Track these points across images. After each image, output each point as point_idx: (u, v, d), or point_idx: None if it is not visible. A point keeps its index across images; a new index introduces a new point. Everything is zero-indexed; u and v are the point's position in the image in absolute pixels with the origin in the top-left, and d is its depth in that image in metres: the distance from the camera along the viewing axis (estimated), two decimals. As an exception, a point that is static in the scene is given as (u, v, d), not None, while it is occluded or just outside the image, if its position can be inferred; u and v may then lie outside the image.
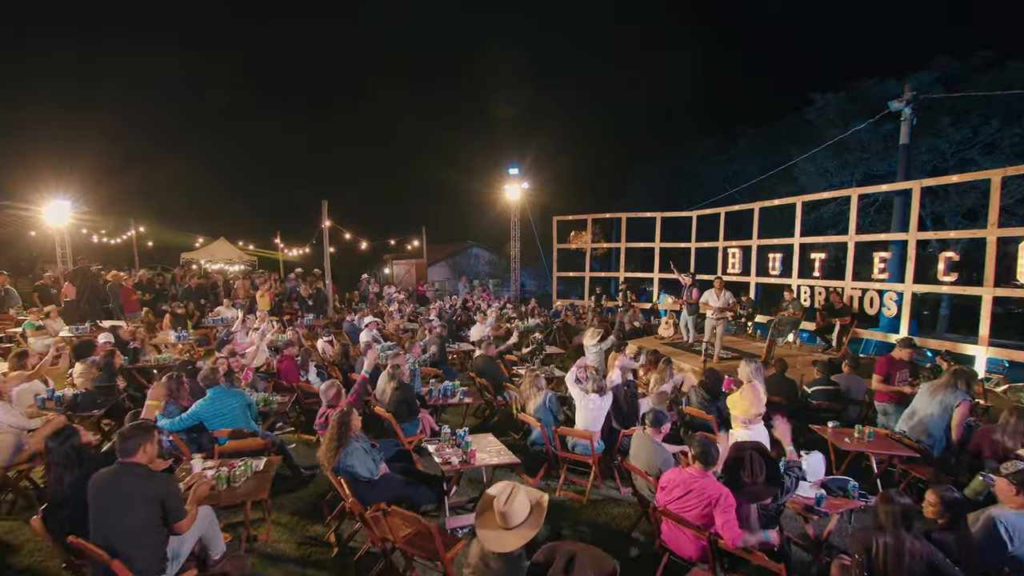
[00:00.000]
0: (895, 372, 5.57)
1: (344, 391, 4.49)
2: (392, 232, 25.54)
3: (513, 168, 18.01)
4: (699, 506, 3.02)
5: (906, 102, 11.54)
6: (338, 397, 4.31)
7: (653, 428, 3.88)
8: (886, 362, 5.68)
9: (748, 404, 4.05)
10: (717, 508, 2.95)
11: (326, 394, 4.26)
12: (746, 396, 4.07)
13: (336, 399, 4.29)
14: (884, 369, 5.61)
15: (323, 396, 4.27)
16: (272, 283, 16.69)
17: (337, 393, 4.31)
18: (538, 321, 12.00)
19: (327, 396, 4.26)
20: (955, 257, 9.32)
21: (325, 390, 4.27)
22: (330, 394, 4.26)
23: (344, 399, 4.40)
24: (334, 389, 4.28)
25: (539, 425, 4.91)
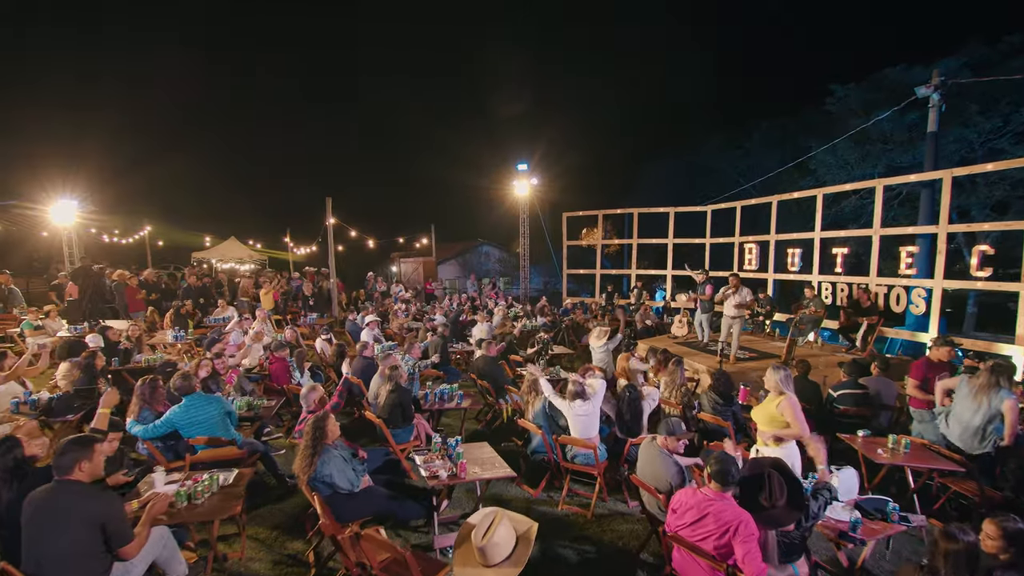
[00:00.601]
0: (933, 375, 5.07)
1: (327, 396, 4.15)
2: (401, 230, 25.35)
3: (522, 164, 17.64)
4: (716, 533, 2.63)
5: (934, 88, 10.91)
6: (321, 403, 3.98)
7: (664, 438, 3.48)
8: (923, 364, 5.20)
9: (791, 421, 3.62)
10: (737, 537, 2.55)
11: (307, 399, 3.94)
12: (785, 412, 3.63)
13: (318, 404, 3.97)
14: (920, 372, 5.13)
15: (303, 401, 3.95)
16: (279, 282, 16.57)
17: (319, 398, 3.98)
18: (545, 320, 11.61)
19: (308, 401, 3.94)
20: (989, 251, 8.72)
21: (306, 394, 3.94)
22: (311, 399, 3.94)
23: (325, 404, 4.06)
24: (316, 393, 3.95)
25: (539, 432, 4.54)
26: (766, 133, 24.21)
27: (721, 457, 2.88)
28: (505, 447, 5.84)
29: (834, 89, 19.87)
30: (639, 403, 4.68)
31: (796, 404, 3.68)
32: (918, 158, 17.46)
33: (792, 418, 3.63)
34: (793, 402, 3.67)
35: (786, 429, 3.67)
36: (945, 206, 9.25)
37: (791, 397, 3.70)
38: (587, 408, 4.45)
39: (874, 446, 4.46)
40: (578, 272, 18.07)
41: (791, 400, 3.69)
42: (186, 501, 2.99)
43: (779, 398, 3.74)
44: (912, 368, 5.30)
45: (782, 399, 3.72)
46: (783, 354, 8.25)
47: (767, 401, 3.83)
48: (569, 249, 17.45)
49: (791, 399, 3.69)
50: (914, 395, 5.14)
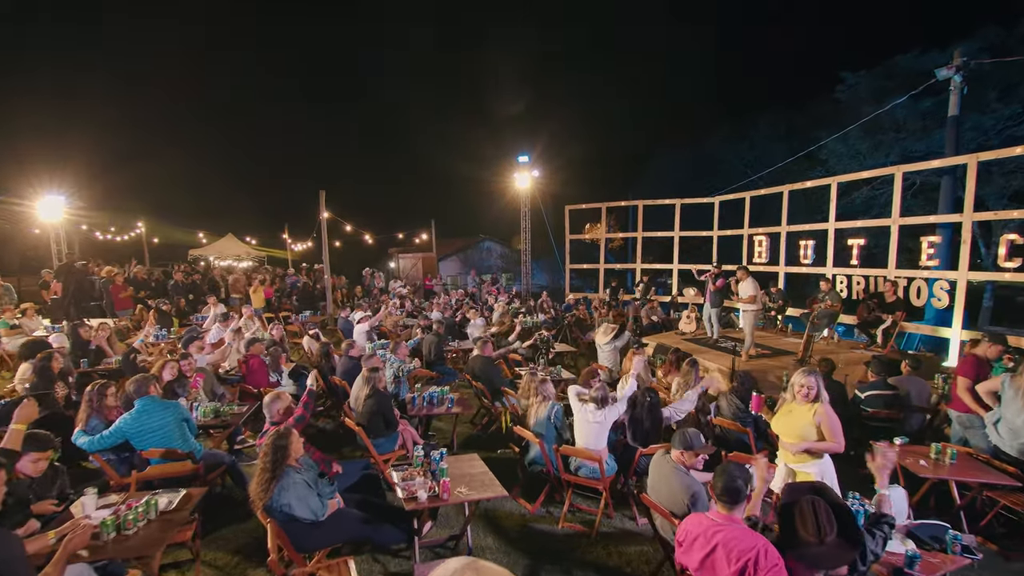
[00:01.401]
0: (984, 374, 4.52)
1: (295, 405, 3.66)
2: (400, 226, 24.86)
3: (523, 156, 17.11)
4: (730, 570, 2.13)
5: (955, 69, 10.32)
6: (287, 414, 3.50)
7: (680, 452, 2.99)
8: (973, 362, 4.57)
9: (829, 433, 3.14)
10: (759, 572, 2.06)
11: (270, 409, 3.45)
12: (823, 422, 3.14)
13: (284, 415, 3.49)
14: (972, 371, 4.49)
15: (266, 411, 3.46)
16: (275, 277, 16.13)
17: (285, 409, 3.49)
18: (545, 317, 11.11)
19: (271, 411, 3.45)
20: (1018, 240, 8.17)
21: (269, 404, 3.45)
22: (275, 408, 3.45)
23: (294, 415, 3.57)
24: (280, 403, 3.46)
25: (538, 442, 4.05)
26: (773, 123, 23.58)
27: (726, 468, 2.39)
28: (502, 454, 5.38)
29: (844, 77, 19.27)
30: (659, 410, 4.19)
31: (833, 412, 3.18)
32: (932, 146, 16.86)
33: (830, 429, 3.14)
34: (830, 411, 3.18)
35: (823, 443, 3.18)
36: (970, 193, 8.70)
37: (827, 404, 3.21)
38: (602, 417, 3.97)
39: (915, 456, 3.95)
40: (581, 267, 17.57)
41: (828, 408, 3.19)
42: (114, 532, 2.52)
43: (814, 406, 3.24)
44: (961, 365, 4.72)
45: (818, 407, 3.22)
46: (800, 351, 7.74)
47: (798, 409, 3.33)
48: (572, 244, 16.96)
49: (828, 407, 3.20)
50: (964, 397, 4.57)
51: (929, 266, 9.32)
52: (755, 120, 24.13)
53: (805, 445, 3.27)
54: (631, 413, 4.20)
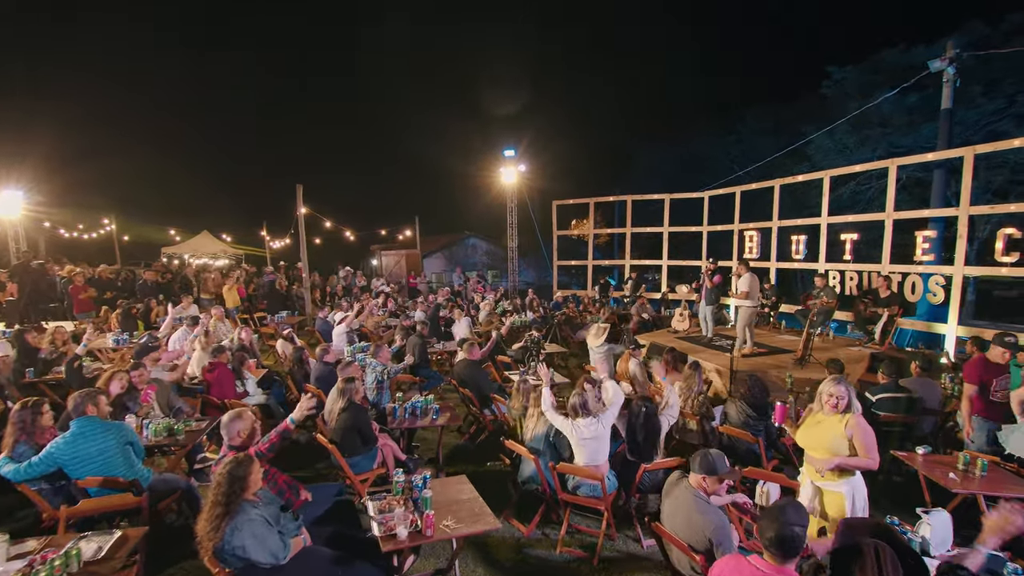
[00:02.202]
0: (992, 379, 4.24)
1: (260, 427, 3.18)
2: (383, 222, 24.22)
3: (509, 150, 16.66)
4: None
5: (949, 61, 10.15)
6: (250, 436, 3.02)
7: (701, 477, 2.60)
8: (979, 365, 4.33)
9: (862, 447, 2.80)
10: None
11: (229, 428, 2.96)
12: (856, 435, 2.80)
13: (246, 438, 3.00)
14: (976, 375, 4.26)
15: (224, 432, 2.98)
16: (251, 276, 15.46)
17: (248, 431, 3.01)
18: (534, 316, 10.71)
19: (229, 432, 2.96)
20: (1016, 234, 8.01)
21: (227, 423, 2.97)
22: (235, 429, 2.96)
23: (258, 439, 3.08)
24: (241, 423, 2.97)
25: (533, 459, 3.65)
26: (759, 119, 23.49)
27: (780, 513, 2.01)
28: (492, 467, 4.97)
29: (831, 71, 19.21)
30: (655, 419, 3.81)
31: (867, 424, 2.84)
32: (918, 141, 16.87)
33: (863, 442, 2.80)
34: (864, 423, 2.83)
35: (856, 459, 2.83)
36: (967, 187, 8.54)
37: (860, 415, 2.86)
38: (596, 429, 3.57)
39: (941, 468, 3.65)
40: (569, 264, 17.22)
41: (860, 420, 2.85)
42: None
43: (845, 416, 2.90)
44: (966, 369, 4.47)
45: (850, 418, 2.88)
46: (799, 349, 7.45)
47: (827, 420, 2.98)
48: (559, 240, 16.60)
49: (860, 418, 2.85)
50: (963, 405, 4.29)
51: (924, 261, 9.14)
52: (742, 116, 24.04)
53: (837, 461, 2.92)
54: (629, 426, 3.81)
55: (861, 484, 2.93)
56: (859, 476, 2.94)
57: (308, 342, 9.94)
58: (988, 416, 4.25)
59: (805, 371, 7.16)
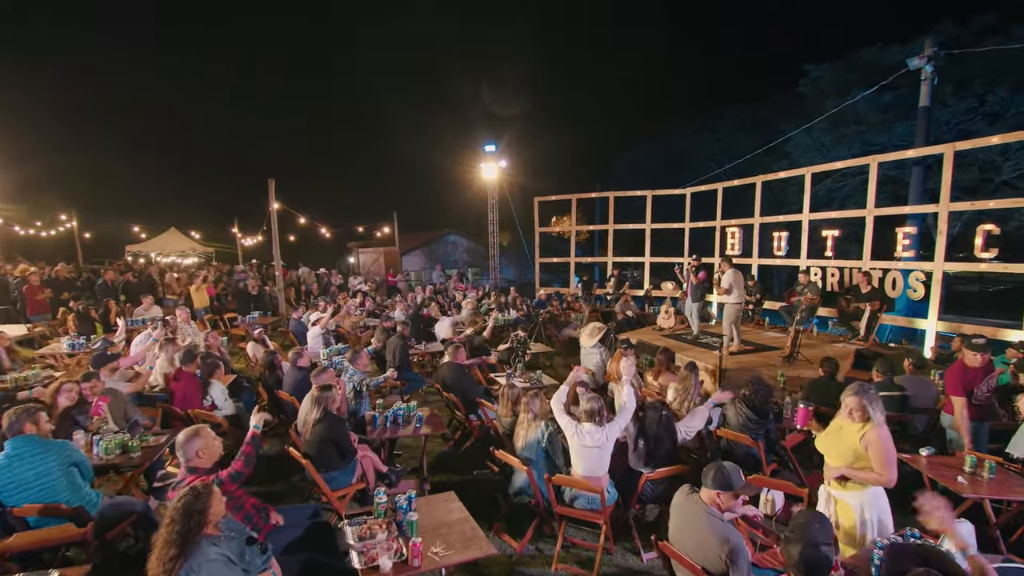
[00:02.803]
0: (973, 385, 4.05)
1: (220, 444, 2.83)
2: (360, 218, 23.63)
3: (490, 145, 16.37)
4: None
5: (927, 59, 10.26)
6: (210, 456, 2.67)
7: (715, 493, 2.39)
8: (959, 374, 4.11)
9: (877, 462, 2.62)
10: None
11: (185, 449, 2.61)
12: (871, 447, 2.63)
13: (206, 459, 2.65)
14: (960, 385, 4.06)
15: (181, 452, 2.64)
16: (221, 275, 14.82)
17: (208, 450, 2.66)
18: (518, 314, 10.46)
19: (187, 452, 2.61)
20: (995, 230, 8.11)
21: (184, 442, 2.62)
22: (192, 450, 2.61)
23: (219, 457, 2.74)
24: (199, 442, 2.62)
25: (527, 470, 3.40)
26: (738, 117, 23.69)
27: (805, 532, 1.83)
28: (479, 475, 4.71)
29: (808, 70, 19.42)
30: (674, 427, 3.60)
31: (887, 437, 2.66)
32: (892, 139, 17.17)
33: (879, 456, 2.62)
34: (883, 435, 2.65)
35: (866, 472, 2.66)
36: (947, 183, 8.61)
37: (881, 427, 2.68)
38: (600, 438, 3.35)
39: (946, 470, 3.53)
40: (551, 261, 17.04)
41: (881, 432, 2.67)
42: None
43: (865, 427, 2.72)
44: (948, 381, 4.25)
45: (868, 428, 2.70)
46: (787, 347, 7.38)
47: (848, 427, 2.80)
48: (540, 237, 16.39)
49: (881, 430, 2.67)
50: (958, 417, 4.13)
51: (905, 257, 9.21)
52: (720, 114, 24.21)
53: (843, 471, 2.76)
54: (642, 431, 3.59)
55: (876, 498, 2.76)
56: (874, 490, 2.77)
57: (281, 344, 9.51)
58: (973, 418, 4.12)
59: (794, 368, 7.09)
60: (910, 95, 16.57)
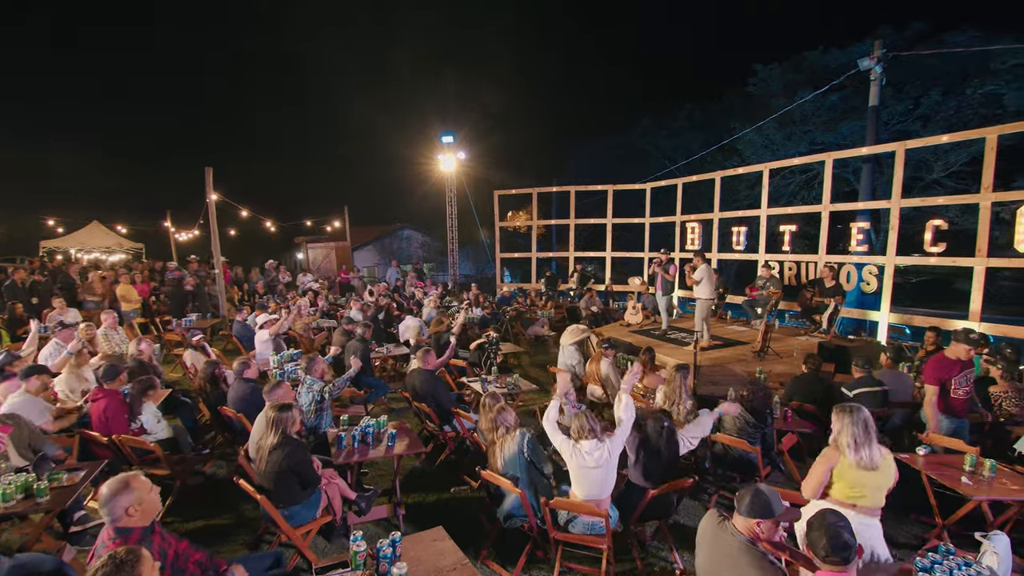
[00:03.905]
0: (950, 377, 4.03)
1: (156, 494, 2.24)
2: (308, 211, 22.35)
3: (447, 136, 15.79)
4: None
5: (877, 60, 10.64)
6: (143, 514, 2.09)
7: (754, 523, 2.10)
8: (937, 365, 4.10)
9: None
10: None
11: (112, 508, 2.01)
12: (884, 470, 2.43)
13: (137, 516, 2.08)
14: (935, 376, 4.06)
15: (106, 512, 2.04)
16: (153, 272, 13.47)
17: (142, 503, 2.08)
18: (484, 312, 10.06)
19: (113, 513, 2.01)
20: (943, 225, 8.46)
21: (109, 500, 2.01)
22: (120, 508, 1.97)
23: (159, 512, 2.16)
24: (128, 496, 2.02)
25: (519, 492, 3.02)
26: (691, 114, 24.16)
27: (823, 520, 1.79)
28: (457, 493, 4.29)
29: (757, 69, 19.96)
30: (676, 439, 3.31)
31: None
32: (837, 138, 17.93)
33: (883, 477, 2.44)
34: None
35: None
36: (898, 180, 8.92)
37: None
38: (602, 455, 3.01)
39: (944, 469, 3.45)
40: (513, 256, 16.71)
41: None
42: None
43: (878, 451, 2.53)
44: (926, 372, 4.25)
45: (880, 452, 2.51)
46: (757, 341, 7.38)
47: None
48: (501, 231, 16.01)
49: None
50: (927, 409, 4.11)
51: (860, 251, 9.51)
52: (674, 112, 24.62)
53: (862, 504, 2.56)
54: (644, 444, 3.29)
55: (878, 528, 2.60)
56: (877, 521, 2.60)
57: (223, 349, 8.66)
58: (950, 413, 4.10)
59: (765, 363, 7.09)
60: (852, 96, 17.43)
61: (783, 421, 4.41)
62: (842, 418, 2.70)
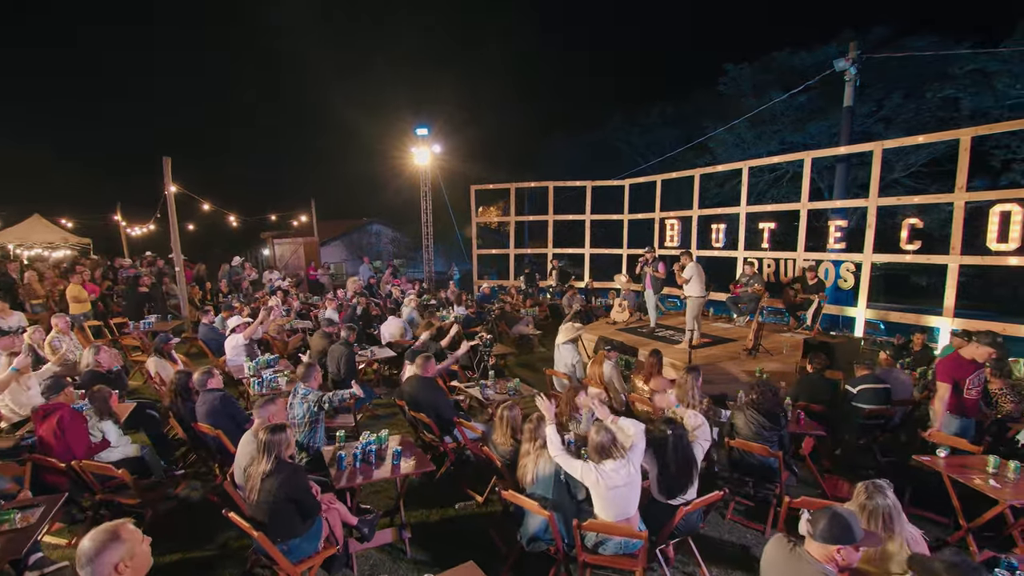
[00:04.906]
0: (964, 377, 4.02)
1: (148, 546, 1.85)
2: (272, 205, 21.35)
3: (422, 128, 15.28)
4: None
5: (851, 61, 10.85)
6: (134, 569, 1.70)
7: (834, 550, 1.91)
8: (952, 364, 4.09)
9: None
10: None
11: (96, 567, 1.63)
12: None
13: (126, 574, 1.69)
14: (949, 374, 4.04)
15: (88, 568, 1.66)
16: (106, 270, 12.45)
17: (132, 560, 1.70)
18: (467, 311, 9.73)
19: (98, 569, 1.62)
20: (918, 224, 8.68)
21: (94, 556, 1.63)
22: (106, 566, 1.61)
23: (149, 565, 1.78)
24: (118, 549, 1.62)
25: (548, 515, 2.76)
26: (663, 113, 24.38)
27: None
28: (461, 510, 3.99)
29: (728, 69, 20.26)
30: (690, 448, 3.11)
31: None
32: (806, 138, 18.41)
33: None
34: None
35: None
36: (875, 179, 9.08)
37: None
38: (627, 473, 2.78)
39: (966, 472, 3.40)
40: (490, 252, 16.39)
41: None
42: None
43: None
44: (939, 368, 4.26)
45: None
46: (749, 339, 7.36)
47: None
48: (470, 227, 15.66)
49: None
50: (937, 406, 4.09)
51: (837, 249, 9.67)
52: (647, 110, 24.78)
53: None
54: (661, 459, 3.07)
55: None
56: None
57: (186, 353, 8.02)
58: (960, 412, 4.10)
59: (758, 361, 7.07)
60: (818, 98, 17.91)
61: (796, 424, 4.32)
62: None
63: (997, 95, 14.48)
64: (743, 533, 3.78)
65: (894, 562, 2.26)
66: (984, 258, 8.00)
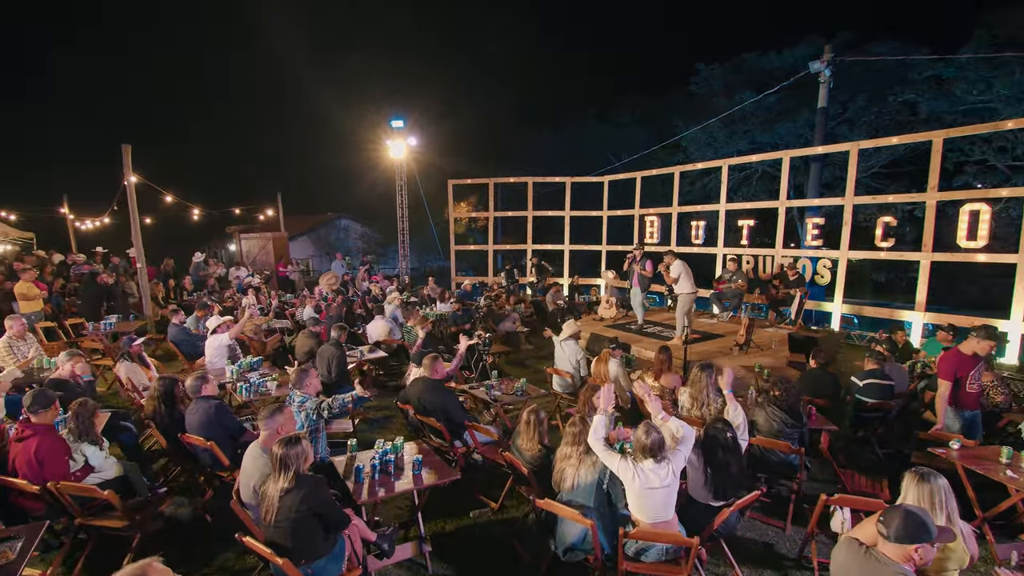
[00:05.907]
0: (966, 372, 4.11)
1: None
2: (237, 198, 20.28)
3: (397, 120, 14.84)
4: None
5: (826, 63, 11.17)
6: None
7: (911, 550, 1.84)
8: (954, 360, 4.16)
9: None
10: None
11: None
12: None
13: None
14: (951, 370, 4.12)
15: None
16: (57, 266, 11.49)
17: None
18: (453, 308, 9.49)
19: None
20: (892, 222, 9.00)
21: None
22: None
23: None
24: None
25: (590, 524, 2.62)
26: (636, 111, 24.62)
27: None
28: (477, 518, 3.80)
29: (699, 68, 20.60)
30: (739, 446, 3.03)
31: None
32: (775, 138, 18.93)
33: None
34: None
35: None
36: (851, 178, 9.35)
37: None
38: (667, 474, 2.66)
39: (981, 463, 3.46)
40: (468, 248, 16.14)
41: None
42: None
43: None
44: (941, 365, 4.36)
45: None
46: (741, 334, 7.43)
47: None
48: (444, 223, 15.38)
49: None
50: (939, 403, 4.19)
51: (815, 245, 9.94)
52: (619, 108, 24.97)
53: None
54: (708, 460, 2.98)
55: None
56: None
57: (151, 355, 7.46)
58: (961, 406, 4.18)
59: (750, 357, 7.15)
60: (787, 99, 18.45)
61: (809, 419, 4.33)
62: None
63: (952, 100, 15.22)
64: (764, 530, 3.75)
65: (953, 559, 2.23)
66: (954, 254, 8.34)
